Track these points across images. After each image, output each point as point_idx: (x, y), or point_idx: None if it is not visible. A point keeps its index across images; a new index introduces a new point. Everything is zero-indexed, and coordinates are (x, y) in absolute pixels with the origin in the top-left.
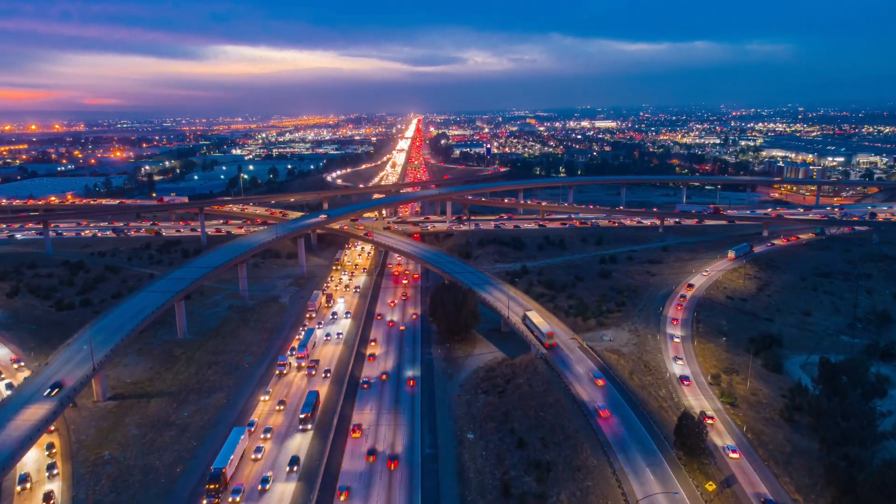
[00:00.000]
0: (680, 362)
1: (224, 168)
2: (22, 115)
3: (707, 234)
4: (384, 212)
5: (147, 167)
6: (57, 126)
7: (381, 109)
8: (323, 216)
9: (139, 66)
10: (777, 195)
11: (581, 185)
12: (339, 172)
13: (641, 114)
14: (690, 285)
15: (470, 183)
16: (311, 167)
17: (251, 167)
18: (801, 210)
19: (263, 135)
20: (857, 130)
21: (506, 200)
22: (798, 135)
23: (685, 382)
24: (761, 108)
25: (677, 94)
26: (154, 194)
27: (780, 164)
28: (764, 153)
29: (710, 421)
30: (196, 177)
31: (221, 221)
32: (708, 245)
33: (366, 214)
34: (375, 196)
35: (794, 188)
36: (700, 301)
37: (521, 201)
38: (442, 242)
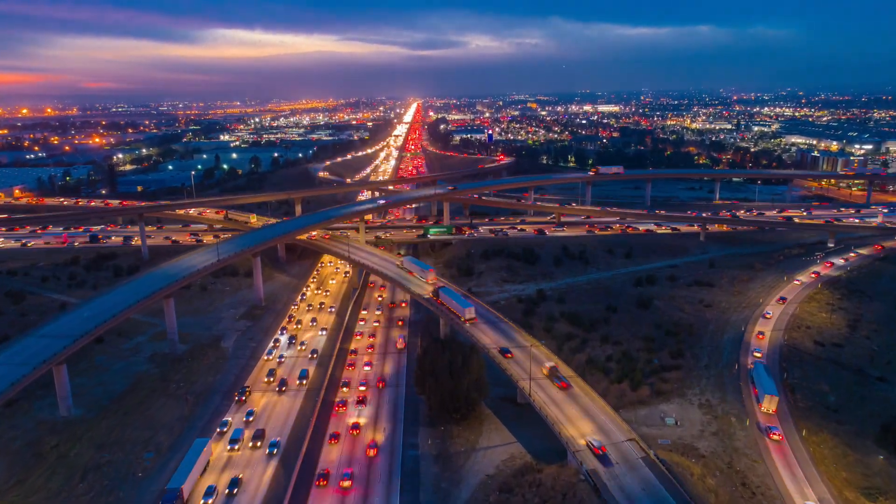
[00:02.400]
0: (794, 474)
1: (205, 156)
2: (17, 99)
3: (759, 244)
4: (367, 218)
5: (120, 155)
6: (48, 110)
7: (381, 94)
8: (286, 231)
9: (135, 50)
10: (816, 189)
11: (599, 180)
12: (327, 162)
13: (643, 98)
14: (763, 320)
15: (471, 177)
16: (300, 155)
17: (234, 155)
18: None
19: (257, 119)
20: (867, 115)
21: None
22: (811, 120)
23: None
24: (762, 93)
25: (677, 78)
26: (103, 191)
27: (815, 153)
28: (782, 140)
29: None
30: (171, 167)
31: (179, 227)
32: (764, 259)
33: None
34: (362, 195)
35: (833, 181)
36: (784, 350)
37: (532, 201)
38: (438, 254)
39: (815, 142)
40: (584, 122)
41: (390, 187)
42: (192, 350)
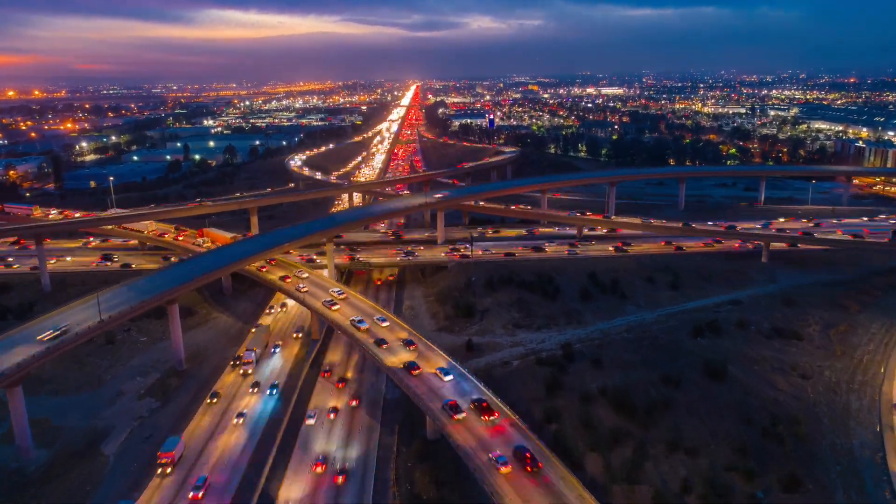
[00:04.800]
0: None
1: (178, 144)
2: (6, 81)
3: (836, 267)
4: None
5: (84, 143)
6: (36, 92)
7: (381, 76)
8: (218, 269)
9: (127, 30)
10: (866, 188)
11: (624, 180)
12: (311, 152)
13: (645, 80)
14: None
15: (472, 175)
16: (283, 143)
17: (211, 143)
18: None
19: (247, 102)
20: (882, 98)
21: (518, 207)
22: (825, 103)
23: None
24: (764, 75)
25: (678, 60)
26: (27, 193)
27: (860, 144)
28: (805, 126)
29: None
30: (136, 157)
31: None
32: (855, 293)
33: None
34: (337, 205)
35: (882, 178)
36: None
37: (546, 209)
38: (429, 282)
39: (841, 128)
40: (589, 105)
41: (388, 190)
42: (53, 460)
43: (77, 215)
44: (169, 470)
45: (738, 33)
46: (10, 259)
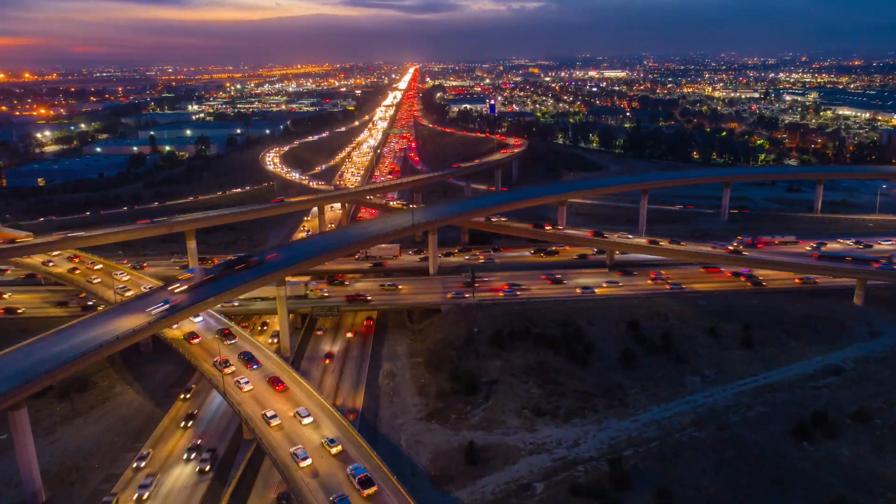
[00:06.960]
0: None
1: (151, 133)
2: (1, 63)
3: None
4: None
5: (48, 133)
6: (26, 75)
7: (380, 59)
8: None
9: (125, 12)
10: None
11: (658, 187)
12: (294, 143)
13: (646, 62)
14: None
15: (472, 176)
16: (268, 131)
17: (188, 132)
18: None
19: (239, 86)
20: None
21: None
22: (840, 87)
23: None
24: (765, 58)
25: (678, 42)
26: None
27: None
28: (829, 112)
29: None
30: (98, 149)
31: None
32: None
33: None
34: (307, 227)
35: None
36: None
37: (564, 228)
38: (417, 332)
39: (868, 115)
40: (594, 89)
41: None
42: None
43: None
44: None
45: (735, 15)
46: None
